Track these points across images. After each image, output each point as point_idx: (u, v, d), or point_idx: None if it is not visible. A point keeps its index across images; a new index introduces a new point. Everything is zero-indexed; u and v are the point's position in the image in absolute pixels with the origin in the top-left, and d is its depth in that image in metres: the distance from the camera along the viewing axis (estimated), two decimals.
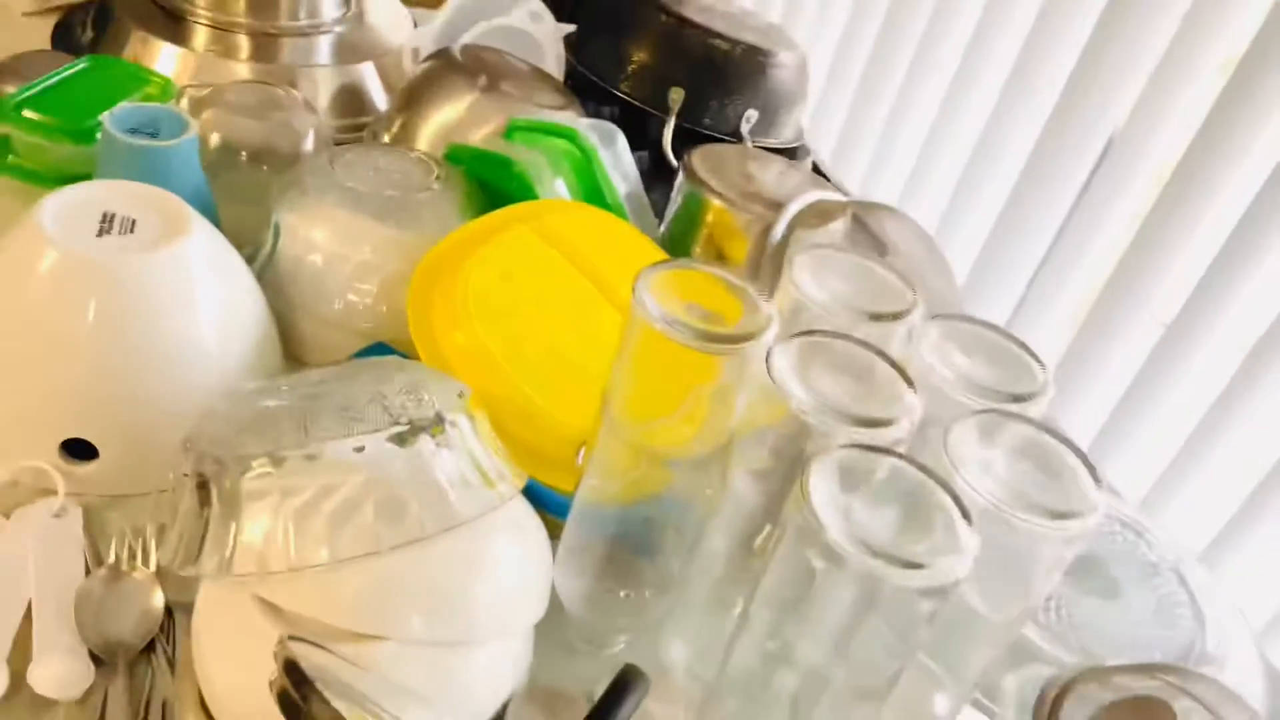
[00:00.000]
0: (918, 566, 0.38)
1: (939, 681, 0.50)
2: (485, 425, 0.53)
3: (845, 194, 0.98)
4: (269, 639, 0.46)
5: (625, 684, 0.43)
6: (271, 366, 0.63)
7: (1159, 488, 1.11)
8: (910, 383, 0.45)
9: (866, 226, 0.89)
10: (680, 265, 0.48)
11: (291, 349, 0.67)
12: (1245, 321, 1.06)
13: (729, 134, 0.96)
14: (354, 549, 0.46)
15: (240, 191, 0.74)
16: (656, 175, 0.88)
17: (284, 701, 0.34)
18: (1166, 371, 1.09)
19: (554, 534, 0.55)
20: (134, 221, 0.57)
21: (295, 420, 0.49)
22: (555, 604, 0.54)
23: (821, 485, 0.39)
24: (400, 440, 0.48)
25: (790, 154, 1.01)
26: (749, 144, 0.95)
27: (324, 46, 0.95)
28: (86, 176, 0.72)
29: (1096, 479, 0.43)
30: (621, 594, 0.55)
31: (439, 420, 0.50)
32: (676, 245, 0.76)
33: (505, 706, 0.51)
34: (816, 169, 1.08)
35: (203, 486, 0.48)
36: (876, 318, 0.49)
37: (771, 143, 0.99)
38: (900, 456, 0.41)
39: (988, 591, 0.45)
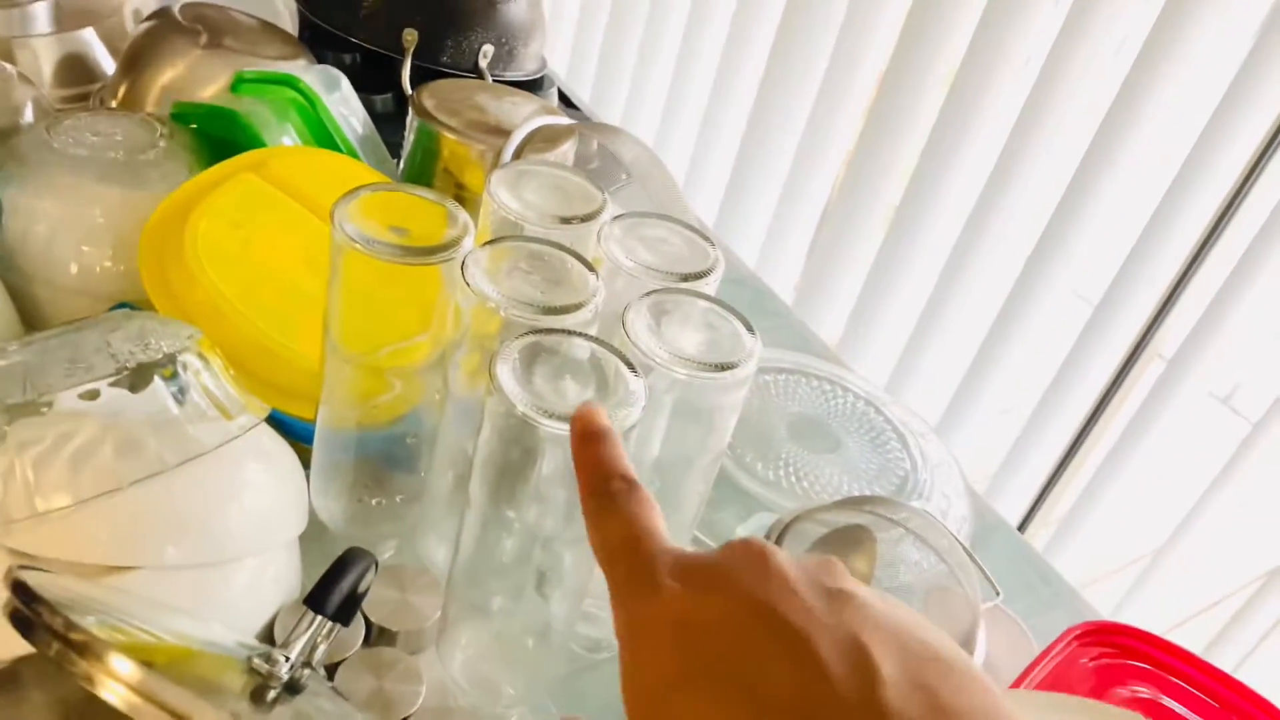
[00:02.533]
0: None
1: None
2: (219, 363, 0.56)
3: (595, 119, 1.03)
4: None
5: (345, 560, 0.48)
6: (6, 336, 0.64)
7: (899, 371, 1.24)
8: (593, 270, 0.51)
9: (593, 144, 0.95)
10: (378, 189, 0.53)
11: (32, 319, 0.68)
12: (962, 210, 1.18)
13: (469, 70, 0.99)
14: (95, 488, 0.49)
15: None
16: (400, 116, 0.90)
17: (16, 620, 0.37)
18: (898, 258, 1.20)
19: (308, 460, 0.59)
20: None
21: (22, 375, 0.51)
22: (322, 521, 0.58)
23: (506, 367, 0.44)
24: (130, 383, 0.51)
25: (534, 86, 1.05)
26: (488, 78, 0.99)
27: (41, 14, 0.93)
28: None
29: (752, 331, 0.50)
30: (374, 503, 0.59)
31: (169, 361, 0.53)
32: (415, 180, 0.79)
33: (275, 615, 0.55)
34: (564, 98, 1.13)
35: None
36: (566, 220, 0.55)
37: (513, 76, 1.03)
38: (573, 333, 0.47)
39: (686, 437, 0.52)
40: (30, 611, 0.37)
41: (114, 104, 0.84)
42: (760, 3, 1.17)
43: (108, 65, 0.93)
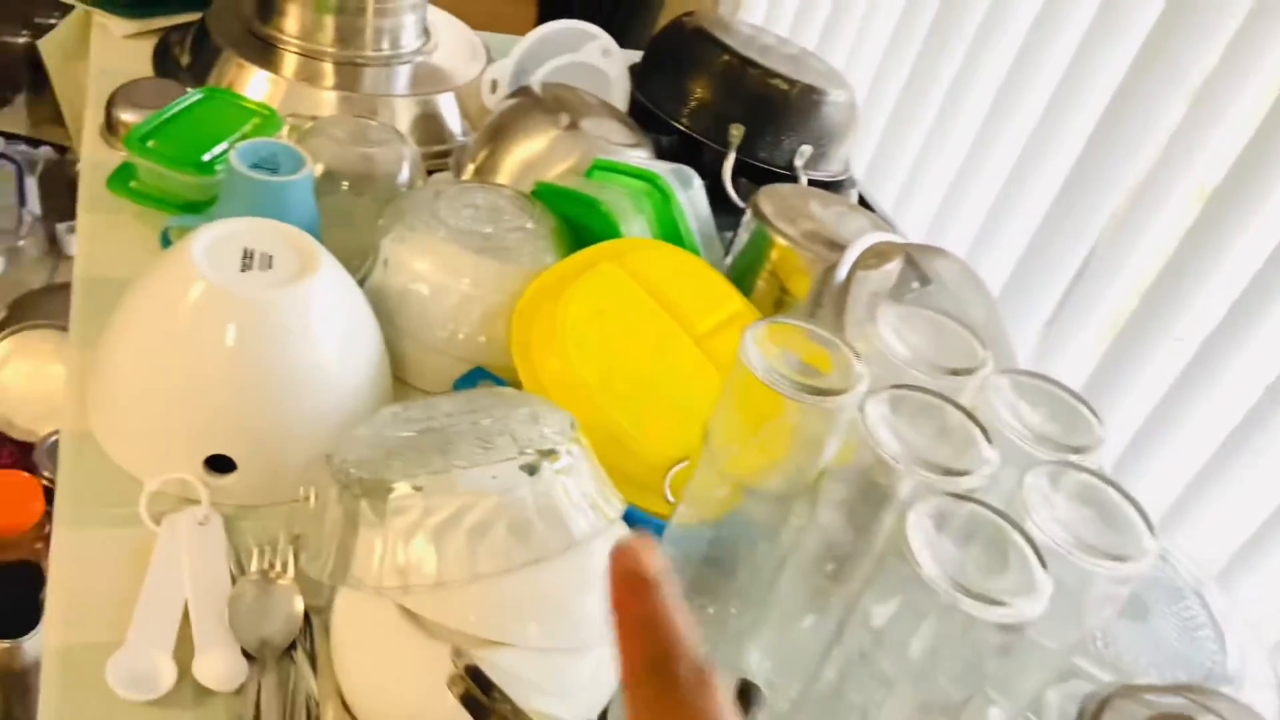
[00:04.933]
0: (999, 604, 0.44)
1: (995, 703, 0.56)
2: (590, 453, 0.59)
3: (892, 225, 1.04)
4: (407, 642, 0.52)
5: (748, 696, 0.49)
6: (384, 389, 0.69)
7: (1179, 507, 1.17)
8: (987, 435, 0.51)
9: (918, 265, 0.95)
10: (776, 321, 0.54)
11: (396, 370, 0.73)
12: (1269, 345, 1.11)
13: (783, 167, 1.02)
14: (490, 566, 0.52)
15: (339, 217, 0.80)
16: (714, 205, 0.94)
17: (469, 704, 0.40)
18: (1189, 393, 1.15)
19: None
20: (271, 257, 0.63)
21: (436, 448, 0.55)
22: None
23: (918, 528, 0.45)
24: (527, 468, 0.54)
25: (837, 186, 1.07)
26: (802, 178, 1.01)
27: (403, 76, 1.01)
28: (203, 202, 0.78)
29: (1151, 527, 0.49)
30: (709, 610, 0.61)
31: (556, 450, 0.56)
32: (741, 278, 0.82)
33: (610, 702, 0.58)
34: (862, 200, 1.14)
35: (350, 505, 0.54)
36: (954, 372, 0.55)
37: (822, 176, 1.05)
38: (980, 503, 0.47)
39: (1047, 623, 0.51)
40: (485, 697, 0.40)
41: (471, 167, 0.90)
42: (1071, 106, 1.15)
43: (455, 128, 1.00)
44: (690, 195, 0.80)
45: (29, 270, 1.62)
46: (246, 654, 0.56)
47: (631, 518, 0.62)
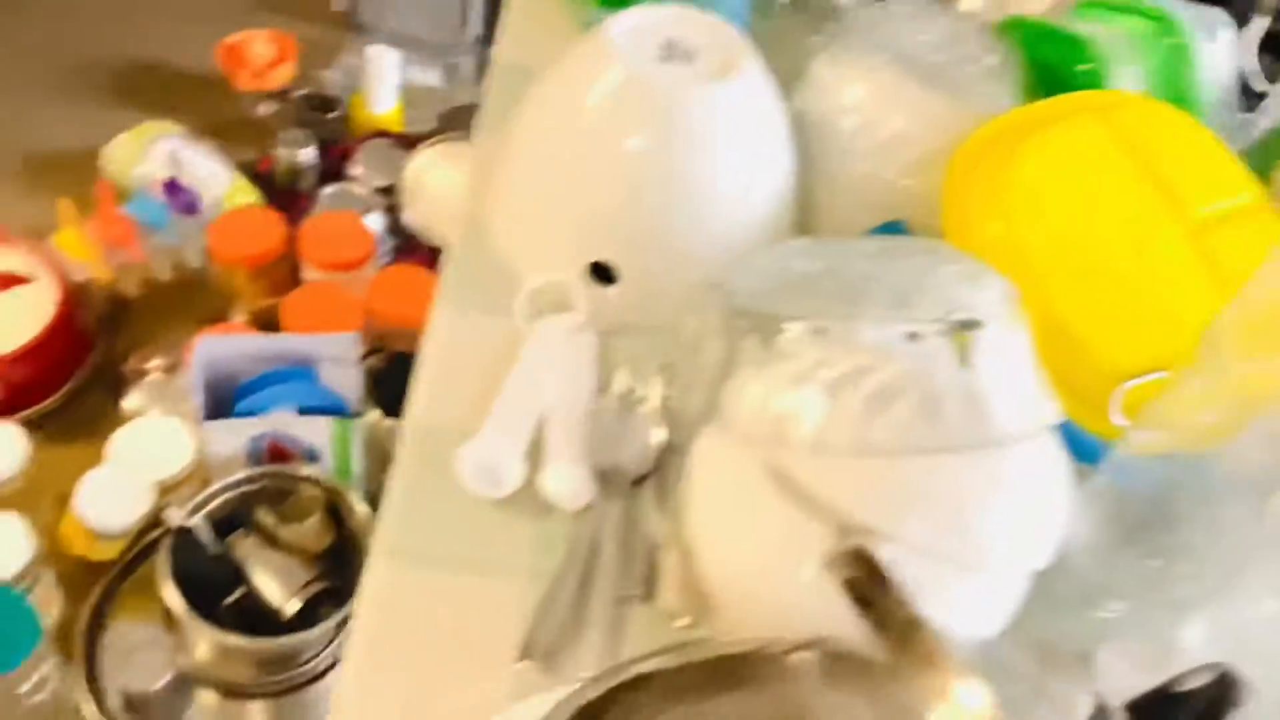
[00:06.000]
0: None
1: None
2: (1030, 340, 0.47)
3: None
4: (769, 505, 0.44)
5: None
6: (784, 225, 0.60)
7: None
8: None
9: None
10: None
11: (796, 213, 0.64)
12: None
13: None
14: (886, 441, 0.42)
15: (769, 37, 0.71)
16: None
17: (855, 591, 0.32)
18: None
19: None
20: (695, 51, 0.56)
21: (842, 292, 0.46)
22: None
23: None
24: (951, 337, 0.44)
25: None
26: None
27: None
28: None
29: None
30: (1151, 563, 0.48)
31: (988, 323, 0.45)
32: (1260, 167, 0.63)
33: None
34: None
35: (733, 340, 0.47)
36: None
37: None
38: None
39: None
40: (872, 586, 0.31)
41: None
42: None
43: None
44: (1213, 49, 0.62)
45: (462, 87, 1.70)
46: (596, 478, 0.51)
47: (1067, 433, 0.49)
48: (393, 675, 0.44)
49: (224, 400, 1.09)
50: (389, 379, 1.12)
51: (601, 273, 0.57)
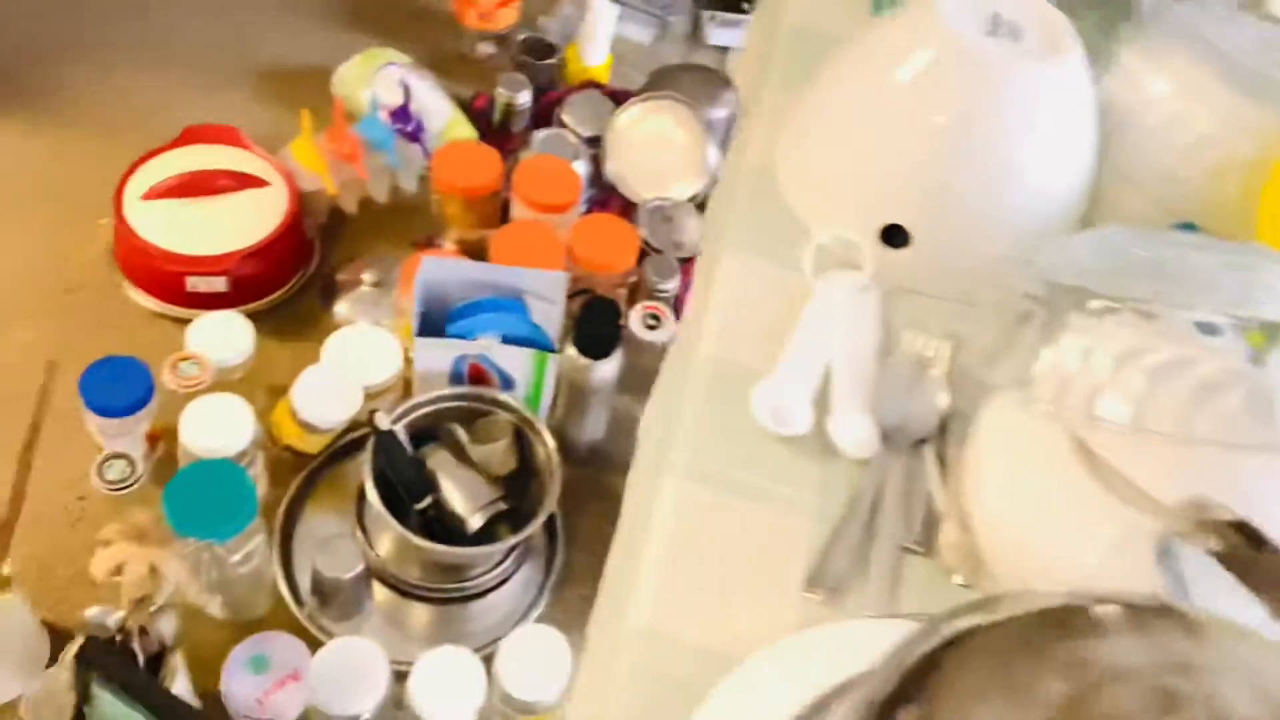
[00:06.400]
0: None
1: None
2: None
3: None
4: (1075, 486, 0.45)
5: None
6: (1076, 213, 0.60)
7: None
8: None
9: None
10: None
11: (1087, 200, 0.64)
12: None
13: None
14: (1212, 432, 0.43)
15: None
16: None
17: (1229, 560, 0.33)
18: None
19: None
20: (1020, 28, 0.56)
21: (1171, 278, 0.46)
22: None
23: None
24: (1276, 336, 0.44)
25: None
26: None
27: None
28: None
29: None
30: None
31: None
32: None
33: None
34: None
35: (1048, 314, 0.48)
36: None
37: None
38: None
39: None
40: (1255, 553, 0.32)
41: None
42: None
43: None
44: None
45: (670, 45, 1.72)
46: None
47: None
48: (688, 582, 0.46)
49: (436, 319, 1.14)
50: (586, 320, 1.16)
51: (891, 235, 0.58)
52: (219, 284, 1.21)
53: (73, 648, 0.89)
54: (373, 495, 1.03)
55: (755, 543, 0.48)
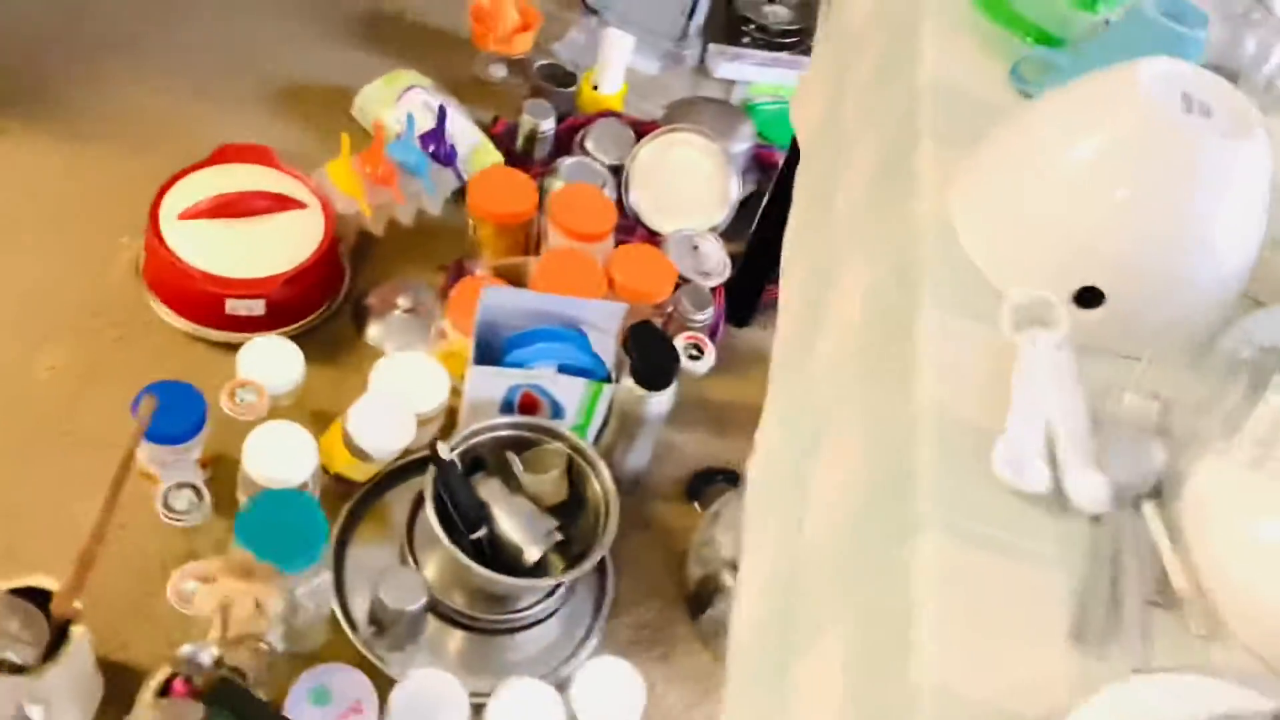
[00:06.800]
0: None
1: None
2: None
3: None
4: None
5: None
6: (1243, 282, 0.64)
7: None
8: None
9: None
10: None
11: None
12: None
13: None
14: None
15: None
16: None
17: None
18: None
19: None
20: (1210, 107, 0.60)
21: None
22: None
23: None
24: None
25: None
26: None
27: None
28: (1055, 39, 0.76)
29: None
30: None
31: None
32: None
33: None
34: None
35: (1262, 376, 0.51)
36: None
37: None
38: None
39: None
40: None
41: None
42: None
43: None
44: None
45: (675, 77, 1.74)
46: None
47: None
48: (969, 640, 0.48)
49: (490, 347, 1.13)
50: (642, 352, 1.16)
51: (1083, 296, 0.61)
52: (258, 307, 1.18)
53: (151, 685, 0.86)
54: (436, 526, 1.02)
55: (1012, 596, 0.50)
